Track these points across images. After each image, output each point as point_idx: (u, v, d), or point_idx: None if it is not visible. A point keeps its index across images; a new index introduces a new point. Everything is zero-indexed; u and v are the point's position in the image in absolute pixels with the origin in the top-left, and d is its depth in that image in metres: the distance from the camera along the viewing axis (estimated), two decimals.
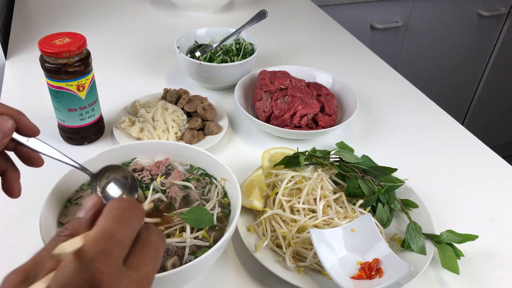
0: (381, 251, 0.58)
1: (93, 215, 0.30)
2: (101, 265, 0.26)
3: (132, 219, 0.29)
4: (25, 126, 0.42)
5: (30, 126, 0.43)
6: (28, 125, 0.43)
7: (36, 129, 0.43)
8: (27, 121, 0.42)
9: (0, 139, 0.39)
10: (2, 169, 0.44)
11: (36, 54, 1.01)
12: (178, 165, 0.66)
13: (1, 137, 0.39)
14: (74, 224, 0.29)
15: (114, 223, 0.28)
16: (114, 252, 0.27)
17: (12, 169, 0.45)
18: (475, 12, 1.89)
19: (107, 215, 0.29)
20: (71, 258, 0.26)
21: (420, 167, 0.81)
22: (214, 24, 1.30)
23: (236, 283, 0.59)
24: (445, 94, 2.13)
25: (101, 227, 0.28)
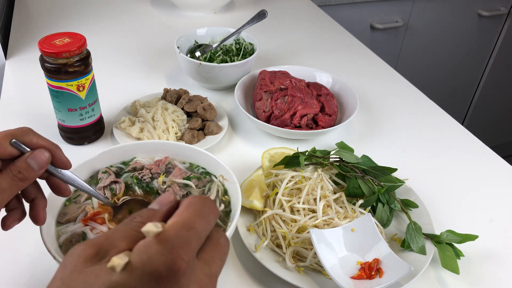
0: (381, 251, 0.58)
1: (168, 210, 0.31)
2: (181, 252, 0.27)
3: (210, 215, 0.30)
4: (60, 160, 0.46)
5: (64, 160, 0.46)
6: (63, 159, 0.46)
7: (69, 163, 0.47)
8: (61, 155, 0.46)
9: (36, 170, 0.43)
10: (32, 197, 0.47)
11: (36, 54, 1.01)
12: (179, 163, 0.66)
13: (38, 168, 0.43)
14: (148, 213, 0.30)
15: (195, 215, 0.29)
16: (192, 243, 0.28)
17: (41, 197, 0.48)
18: (475, 12, 1.89)
19: (188, 208, 0.30)
20: (153, 240, 0.27)
21: (420, 167, 0.81)
22: (214, 24, 1.30)
23: (236, 283, 0.59)
24: (445, 94, 2.13)
25: (183, 217, 0.29)
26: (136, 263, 0.26)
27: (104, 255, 0.27)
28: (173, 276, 0.26)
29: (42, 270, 0.58)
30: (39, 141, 0.44)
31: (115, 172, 0.63)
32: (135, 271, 0.26)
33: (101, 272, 0.26)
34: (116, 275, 0.25)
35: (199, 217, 0.29)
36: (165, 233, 0.27)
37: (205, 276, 0.28)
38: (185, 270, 0.27)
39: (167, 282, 0.26)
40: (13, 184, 0.42)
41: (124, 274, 0.25)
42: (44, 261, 0.59)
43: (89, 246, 0.27)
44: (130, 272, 0.26)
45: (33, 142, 0.43)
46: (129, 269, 0.26)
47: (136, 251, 0.26)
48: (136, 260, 0.26)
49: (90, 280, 0.26)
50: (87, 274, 0.26)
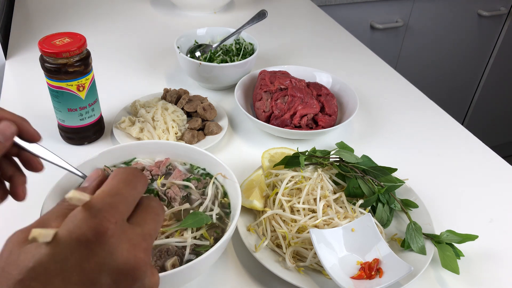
0: (381, 251, 0.58)
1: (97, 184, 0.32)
2: (107, 214, 0.28)
3: (137, 183, 0.32)
4: (27, 132, 0.44)
5: (31, 132, 0.45)
6: (30, 131, 0.45)
7: (38, 135, 0.45)
8: (29, 127, 0.44)
9: (2, 141, 0.42)
10: (9, 174, 0.47)
11: (36, 54, 1.01)
12: (179, 165, 0.66)
13: (3, 140, 0.42)
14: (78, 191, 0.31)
15: (120, 183, 0.31)
16: (119, 206, 0.29)
17: (19, 174, 0.47)
18: (475, 12, 1.89)
19: (113, 178, 0.31)
20: (79, 208, 0.28)
21: (420, 167, 0.81)
22: (214, 24, 1.31)
23: (236, 283, 0.59)
24: (445, 94, 2.13)
25: (108, 186, 0.30)
26: (63, 232, 0.27)
27: None
28: (101, 237, 0.27)
29: None
30: (3, 113, 0.43)
31: None
32: (63, 239, 0.27)
33: (29, 249, 0.27)
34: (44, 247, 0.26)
35: (124, 183, 0.31)
36: (91, 200, 0.29)
37: (137, 235, 0.29)
38: (113, 231, 0.28)
39: (96, 244, 0.27)
40: None
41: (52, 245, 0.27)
42: None
43: (23, 232, 0.29)
44: (57, 242, 0.27)
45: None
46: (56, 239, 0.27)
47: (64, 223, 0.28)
48: (63, 230, 0.27)
49: (22, 257, 0.27)
50: (19, 253, 0.27)
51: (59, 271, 0.26)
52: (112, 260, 0.27)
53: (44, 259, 0.26)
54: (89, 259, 0.27)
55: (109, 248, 0.27)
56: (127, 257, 0.28)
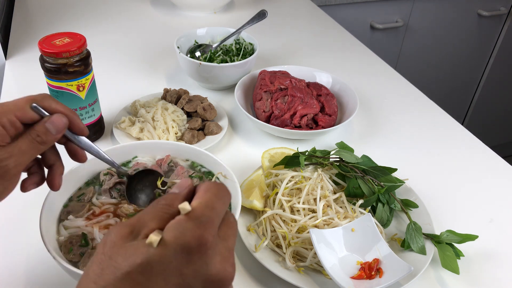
0: (381, 251, 0.58)
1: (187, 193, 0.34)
2: (208, 227, 0.31)
3: (225, 198, 0.34)
4: (77, 126, 0.48)
5: (81, 126, 0.48)
6: (80, 126, 0.48)
7: (86, 130, 0.49)
8: (79, 122, 0.48)
9: (54, 133, 0.45)
10: (51, 163, 0.49)
11: (36, 54, 1.01)
12: (181, 161, 0.66)
13: (55, 132, 0.45)
14: (171, 196, 0.34)
15: (214, 197, 0.33)
16: (215, 220, 0.32)
17: (59, 164, 0.50)
18: (475, 12, 1.89)
19: (207, 191, 0.33)
20: (183, 218, 0.31)
21: (420, 167, 0.81)
22: (214, 24, 1.30)
23: (236, 283, 0.59)
24: (445, 94, 2.13)
25: (205, 199, 0.33)
26: (170, 238, 0.30)
27: (138, 233, 0.31)
28: (201, 248, 0.30)
29: (40, 270, 0.58)
30: (58, 106, 0.46)
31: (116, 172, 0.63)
32: (169, 245, 0.30)
33: (139, 246, 0.30)
34: (153, 248, 0.29)
35: (217, 198, 0.33)
36: (193, 212, 0.31)
37: (225, 249, 0.32)
38: (211, 243, 0.31)
39: (197, 253, 0.30)
40: (32, 146, 0.44)
41: (159, 248, 0.29)
42: (42, 261, 0.59)
43: (124, 227, 0.32)
44: (164, 246, 0.30)
45: (52, 107, 0.45)
46: (163, 243, 0.30)
47: (169, 228, 0.30)
48: (170, 235, 0.30)
49: (130, 252, 0.30)
50: (127, 247, 0.30)
51: (161, 271, 0.29)
52: (207, 270, 0.30)
53: (151, 259, 0.29)
54: (188, 266, 0.30)
55: (206, 258, 0.30)
56: (219, 269, 0.31)
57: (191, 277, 0.30)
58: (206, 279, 0.31)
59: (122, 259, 0.29)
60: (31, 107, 0.44)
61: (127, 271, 0.29)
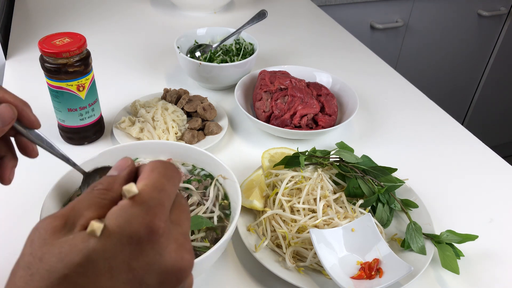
0: (381, 251, 0.58)
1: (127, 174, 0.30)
2: (158, 212, 0.27)
3: (175, 178, 0.30)
4: (27, 118, 0.43)
5: (32, 119, 0.43)
6: (31, 118, 0.43)
7: (37, 122, 0.44)
8: (29, 114, 0.43)
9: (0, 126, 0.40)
10: (1, 154, 0.45)
11: (36, 54, 1.01)
12: (180, 166, 0.66)
13: (1, 125, 0.40)
14: (109, 180, 0.29)
15: (162, 178, 0.29)
16: (165, 203, 0.28)
17: (11, 156, 0.45)
18: (475, 12, 1.89)
19: (153, 171, 0.29)
20: (128, 202, 0.27)
21: (420, 167, 0.81)
22: (214, 24, 1.31)
23: (236, 283, 0.59)
24: (445, 94, 2.13)
25: (152, 180, 0.28)
26: (113, 227, 0.25)
27: (72, 226, 0.26)
28: (152, 236, 0.26)
29: None
30: (6, 95, 0.41)
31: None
32: (113, 235, 0.25)
33: (75, 241, 0.25)
34: (93, 241, 0.25)
35: (166, 179, 0.29)
36: (139, 195, 0.27)
37: (180, 235, 0.28)
38: (164, 229, 0.27)
39: (148, 243, 0.26)
40: None
41: (101, 239, 0.25)
42: None
43: (55, 219, 0.27)
44: (107, 237, 0.25)
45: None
46: (106, 233, 0.25)
47: (112, 216, 0.26)
48: (113, 224, 0.26)
49: (65, 250, 0.25)
50: (61, 244, 0.25)
51: (107, 269, 0.25)
52: (161, 261, 0.26)
53: (93, 255, 0.24)
54: (139, 258, 0.26)
55: (159, 247, 0.26)
56: (175, 258, 0.27)
57: (143, 271, 0.26)
58: (161, 271, 0.26)
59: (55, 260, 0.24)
60: None
61: (63, 274, 0.24)
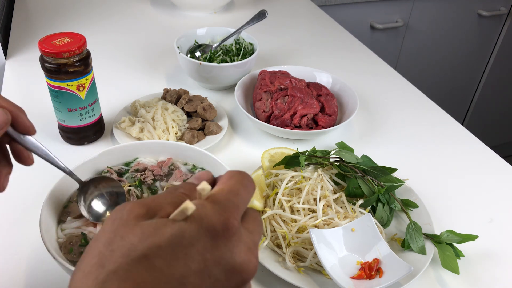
0: (381, 251, 0.58)
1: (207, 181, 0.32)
2: (233, 212, 0.28)
3: (250, 186, 0.32)
4: (22, 124, 0.42)
5: (27, 124, 0.43)
6: (25, 123, 0.43)
7: (33, 128, 0.43)
8: (24, 119, 0.43)
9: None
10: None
11: (36, 54, 1.01)
12: (181, 165, 0.66)
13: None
14: (190, 186, 0.31)
15: (238, 184, 0.30)
16: (240, 207, 0.29)
17: (5, 163, 0.45)
18: (475, 12, 1.89)
19: (230, 178, 0.31)
20: (206, 201, 0.28)
21: (420, 167, 0.81)
22: (214, 24, 1.30)
23: None
24: (445, 94, 2.13)
25: (228, 185, 0.30)
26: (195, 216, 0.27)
27: (153, 215, 0.28)
28: (227, 232, 0.27)
29: (40, 270, 0.58)
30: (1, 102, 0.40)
31: (117, 171, 0.63)
32: (195, 223, 0.26)
33: (159, 225, 0.26)
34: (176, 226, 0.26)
35: (242, 186, 0.31)
36: (216, 196, 0.29)
37: (251, 241, 0.29)
38: (237, 229, 0.28)
39: (222, 238, 0.27)
40: None
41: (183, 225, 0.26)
42: (43, 261, 0.59)
43: (138, 205, 0.28)
44: (189, 224, 0.26)
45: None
46: (189, 221, 0.27)
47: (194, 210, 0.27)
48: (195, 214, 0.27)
49: (148, 231, 0.26)
50: (144, 226, 0.26)
51: (183, 255, 0.26)
52: (230, 258, 0.27)
53: (174, 240, 0.26)
54: (212, 251, 0.27)
55: (231, 245, 0.27)
56: (244, 258, 0.28)
57: (214, 264, 0.27)
58: (229, 268, 0.27)
59: (137, 240, 0.26)
60: None
61: (143, 253, 0.25)
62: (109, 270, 0.25)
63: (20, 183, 0.71)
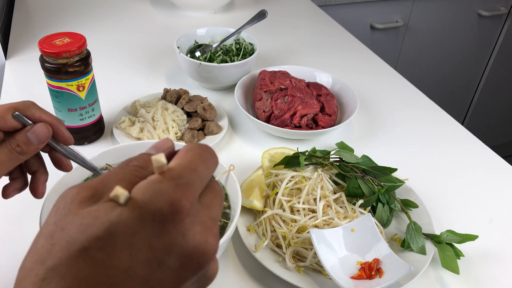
0: (381, 251, 0.58)
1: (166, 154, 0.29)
2: (186, 191, 0.26)
3: (211, 161, 0.29)
4: (62, 136, 0.46)
5: (66, 136, 0.46)
6: (65, 135, 0.46)
7: (71, 139, 0.47)
8: (64, 131, 0.46)
9: (36, 143, 0.43)
10: (33, 169, 0.48)
11: (36, 54, 1.01)
12: None
13: (37, 142, 0.43)
14: (145, 157, 0.28)
15: (196, 159, 0.28)
16: (195, 184, 0.27)
17: (43, 170, 0.48)
18: (475, 12, 1.89)
19: (188, 151, 0.28)
20: (157, 177, 0.26)
21: (420, 167, 0.81)
22: (214, 24, 1.31)
23: (236, 283, 0.59)
24: (445, 94, 2.13)
25: (185, 160, 0.28)
26: (138, 200, 0.24)
27: (99, 197, 0.25)
28: (177, 215, 0.25)
29: None
30: (42, 115, 0.44)
31: None
32: (137, 209, 0.24)
33: (98, 213, 0.24)
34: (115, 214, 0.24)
35: (201, 161, 0.28)
36: (170, 172, 0.26)
37: (208, 218, 0.27)
38: (189, 210, 0.26)
39: (171, 222, 0.25)
40: (11, 157, 0.42)
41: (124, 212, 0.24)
42: None
43: (83, 189, 0.26)
44: (131, 210, 0.24)
45: (35, 116, 0.44)
46: (130, 206, 0.24)
47: (138, 189, 0.25)
48: (138, 197, 0.24)
49: (87, 221, 0.24)
50: (83, 215, 0.24)
51: (127, 245, 0.24)
52: (183, 242, 0.25)
53: (114, 229, 0.23)
54: (161, 237, 0.24)
55: (182, 228, 0.25)
56: (199, 241, 0.26)
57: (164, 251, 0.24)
58: (182, 253, 0.25)
59: (76, 231, 0.23)
60: (13, 115, 0.42)
61: (83, 246, 0.23)
62: (48, 266, 0.23)
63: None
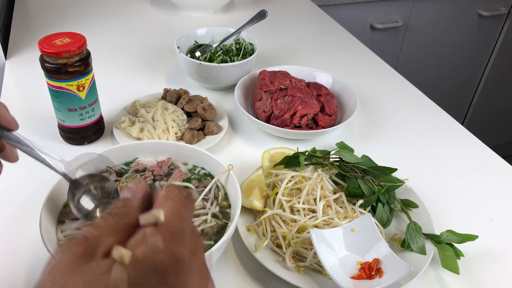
0: (381, 251, 0.58)
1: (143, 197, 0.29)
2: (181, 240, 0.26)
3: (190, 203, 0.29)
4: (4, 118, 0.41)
5: (8, 118, 0.41)
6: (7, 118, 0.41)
7: (15, 123, 0.42)
8: (6, 113, 0.41)
9: None
10: None
11: (36, 54, 1.01)
12: (181, 165, 0.66)
13: None
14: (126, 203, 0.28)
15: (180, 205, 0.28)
16: (186, 232, 0.27)
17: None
18: (475, 12, 1.89)
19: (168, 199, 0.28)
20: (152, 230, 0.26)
21: (420, 167, 0.81)
22: (214, 24, 1.30)
23: (236, 283, 0.59)
24: (445, 94, 2.13)
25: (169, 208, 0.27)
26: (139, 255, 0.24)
27: (93, 252, 0.25)
28: (178, 266, 0.25)
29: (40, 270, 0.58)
30: None
31: (117, 171, 0.63)
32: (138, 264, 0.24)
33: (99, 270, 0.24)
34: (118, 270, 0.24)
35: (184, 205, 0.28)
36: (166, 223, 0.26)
37: (201, 265, 0.27)
38: (188, 259, 0.26)
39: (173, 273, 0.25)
40: None
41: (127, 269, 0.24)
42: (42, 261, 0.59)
43: (75, 245, 0.25)
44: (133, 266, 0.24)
45: None
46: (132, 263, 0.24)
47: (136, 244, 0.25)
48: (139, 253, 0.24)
49: (90, 279, 0.24)
50: (84, 273, 0.24)
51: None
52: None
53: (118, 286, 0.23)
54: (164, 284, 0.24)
55: (183, 277, 0.25)
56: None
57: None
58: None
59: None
60: None
61: None
62: None
63: (20, 182, 0.71)
